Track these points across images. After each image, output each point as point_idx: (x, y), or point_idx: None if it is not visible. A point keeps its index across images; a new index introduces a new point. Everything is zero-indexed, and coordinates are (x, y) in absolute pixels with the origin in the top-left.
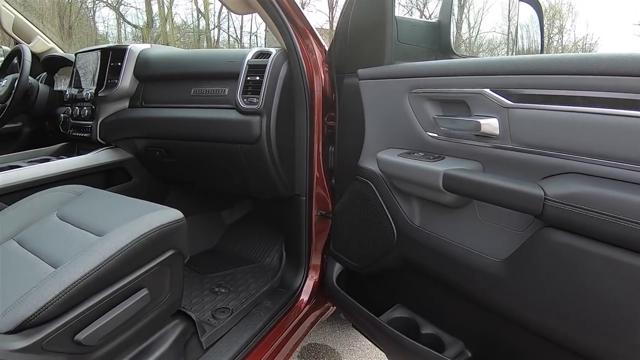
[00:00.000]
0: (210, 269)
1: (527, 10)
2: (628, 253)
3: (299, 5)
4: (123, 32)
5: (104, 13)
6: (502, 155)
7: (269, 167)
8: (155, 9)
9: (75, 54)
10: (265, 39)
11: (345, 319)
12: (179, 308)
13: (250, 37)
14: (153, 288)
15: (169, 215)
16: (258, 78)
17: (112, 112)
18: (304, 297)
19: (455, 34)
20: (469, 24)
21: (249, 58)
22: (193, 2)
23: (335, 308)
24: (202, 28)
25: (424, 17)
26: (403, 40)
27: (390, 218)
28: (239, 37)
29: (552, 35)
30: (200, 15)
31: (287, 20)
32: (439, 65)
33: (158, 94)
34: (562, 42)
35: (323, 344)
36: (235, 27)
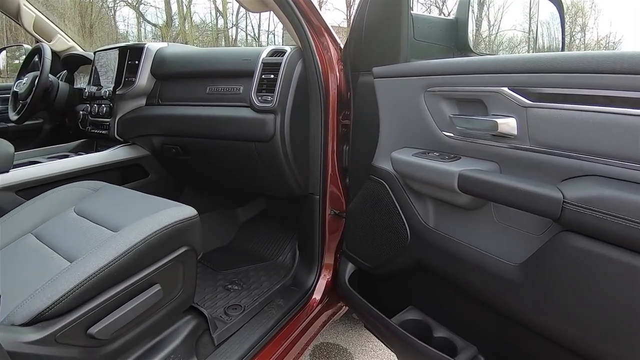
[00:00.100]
0: (224, 266)
1: (547, 7)
2: None
3: (315, 3)
4: (143, 31)
5: (124, 12)
6: (519, 156)
7: (283, 165)
8: (175, 8)
9: (94, 53)
10: (283, 38)
11: (358, 319)
12: (192, 304)
13: (268, 35)
14: (166, 284)
15: (183, 212)
16: (272, 76)
17: (129, 109)
18: (317, 296)
19: (475, 32)
20: (489, 22)
21: (264, 56)
22: (211, 1)
23: (348, 308)
24: (220, 27)
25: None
26: (419, 38)
27: (404, 219)
28: (257, 35)
29: (574, 34)
30: (219, 14)
31: (302, 18)
32: (456, 63)
33: (174, 92)
34: (584, 40)
35: (335, 344)
36: (253, 25)
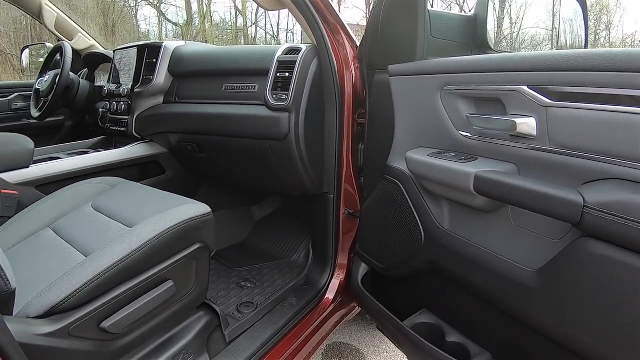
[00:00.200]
0: (238, 263)
1: (570, 5)
2: None
3: (333, 1)
4: (164, 29)
5: (146, 12)
6: (539, 158)
7: (297, 163)
8: (195, 7)
9: (114, 51)
10: (302, 36)
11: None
12: (204, 300)
13: (287, 34)
14: (179, 280)
15: (197, 209)
16: (288, 74)
17: (147, 107)
18: (329, 295)
19: (496, 30)
20: (511, 19)
21: (279, 54)
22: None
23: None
24: (240, 25)
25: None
26: (436, 35)
27: (418, 220)
28: (276, 34)
29: (599, 32)
30: (238, 13)
31: (317, 16)
32: (473, 61)
33: (191, 90)
34: (609, 38)
35: (348, 343)
36: (272, 24)
